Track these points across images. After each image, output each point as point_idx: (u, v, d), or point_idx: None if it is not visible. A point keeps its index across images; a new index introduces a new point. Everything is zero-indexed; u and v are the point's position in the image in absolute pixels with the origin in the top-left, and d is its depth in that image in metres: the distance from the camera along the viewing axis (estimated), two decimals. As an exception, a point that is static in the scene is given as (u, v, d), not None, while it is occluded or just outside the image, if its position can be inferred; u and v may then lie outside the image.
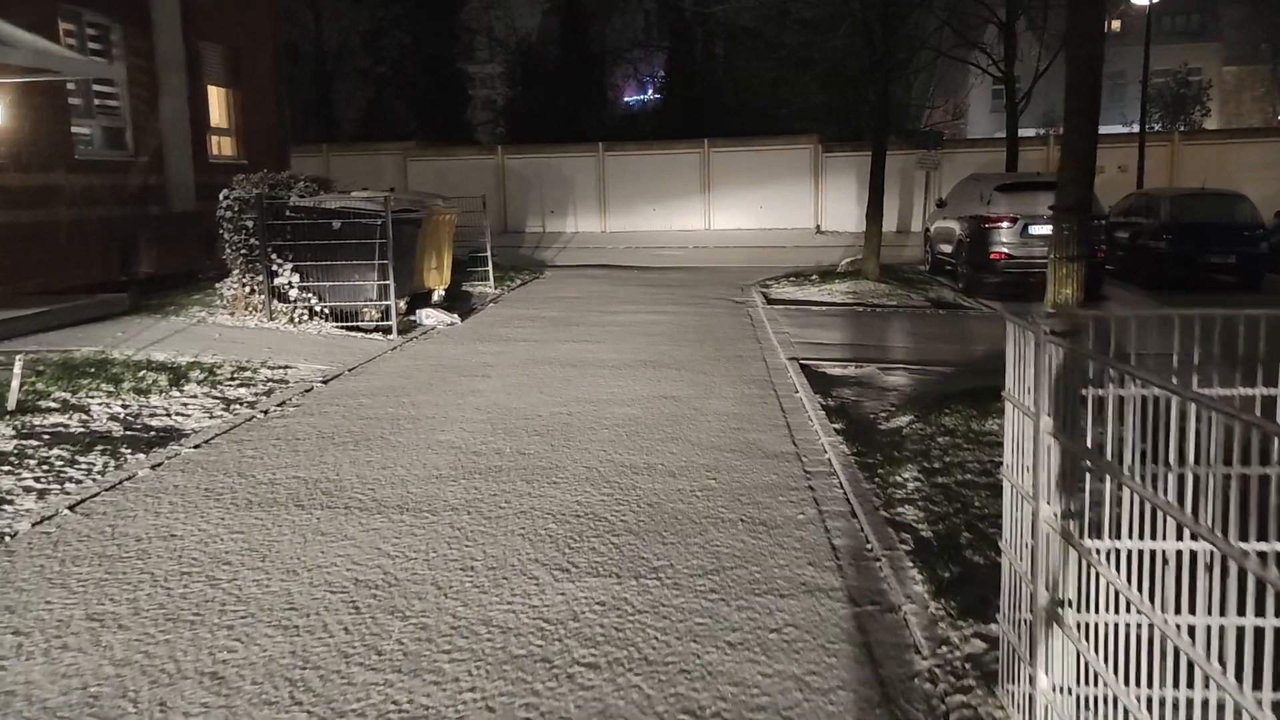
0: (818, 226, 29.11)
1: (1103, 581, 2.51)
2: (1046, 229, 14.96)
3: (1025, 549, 2.84)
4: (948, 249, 17.13)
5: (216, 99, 16.40)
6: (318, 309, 10.89)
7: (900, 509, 5.15)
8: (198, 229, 14.24)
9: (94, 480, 5.55)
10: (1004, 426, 3.09)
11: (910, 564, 4.36)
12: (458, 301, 13.89)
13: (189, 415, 7.17)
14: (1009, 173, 18.77)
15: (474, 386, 8.16)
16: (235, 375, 8.44)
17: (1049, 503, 2.60)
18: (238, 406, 7.45)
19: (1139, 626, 2.38)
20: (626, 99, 52.01)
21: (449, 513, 4.99)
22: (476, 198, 15.91)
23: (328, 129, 42.01)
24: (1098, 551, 2.53)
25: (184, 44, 14.76)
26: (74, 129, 12.69)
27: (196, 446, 6.29)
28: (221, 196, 11.15)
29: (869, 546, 4.58)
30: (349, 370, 8.87)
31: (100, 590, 4.02)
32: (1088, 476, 2.56)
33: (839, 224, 28.80)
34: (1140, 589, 2.34)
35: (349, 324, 10.94)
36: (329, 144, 33.60)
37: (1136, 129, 36.36)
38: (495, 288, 15.60)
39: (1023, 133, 32.22)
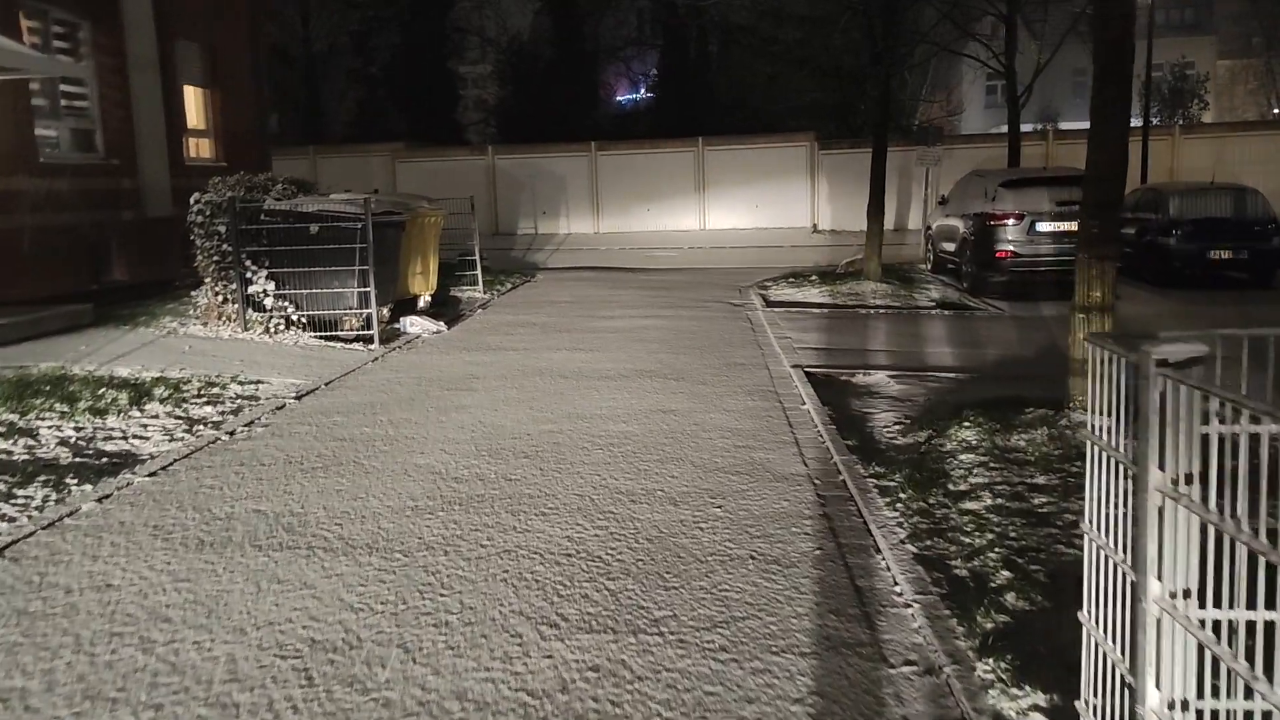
0: (814, 225, 28.61)
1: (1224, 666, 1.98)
2: (1054, 226, 14.52)
3: (1114, 618, 2.31)
4: (951, 248, 16.62)
5: (193, 100, 15.83)
6: (294, 318, 10.34)
7: (928, 541, 4.62)
8: (174, 235, 13.62)
9: (29, 518, 5.00)
10: (1085, 469, 2.55)
11: (946, 611, 3.83)
12: (445, 308, 13.35)
13: (148, 438, 6.62)
14: (1014, 168, 18.27)
15: (458, 402, 7.62)
16: (202, 392, 7.88)
17: (1159, 578, 2.06)
18: (202, 427, 6.90)
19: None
20: (619, 98, 51.46)
21: (424, 553, 4.45)
22: (464, 199, 15.35)
23: (317, 131, 41.45)
24: (1213, 628, 1.99)
25: (157, 43, 14.19)
26: (39, 131, 12.11)
27: (151, 474, 5.74)
28: (192, 200, 10.59)
29: (897, 589, 4.05)
30: (325, 385, 8.32)
31: (12, 659, 3.47)
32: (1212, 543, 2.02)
33: (836, 223, 28.31)
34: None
35: (328, 334, 10.38)
36: (316, 146, 33.04)
37: (1136, 123, 36.05)
38: (485, 292, 15.06)
39: (1021, 128, 31.85)
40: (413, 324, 11.36)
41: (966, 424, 6.50)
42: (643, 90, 49.47)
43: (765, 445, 6.28)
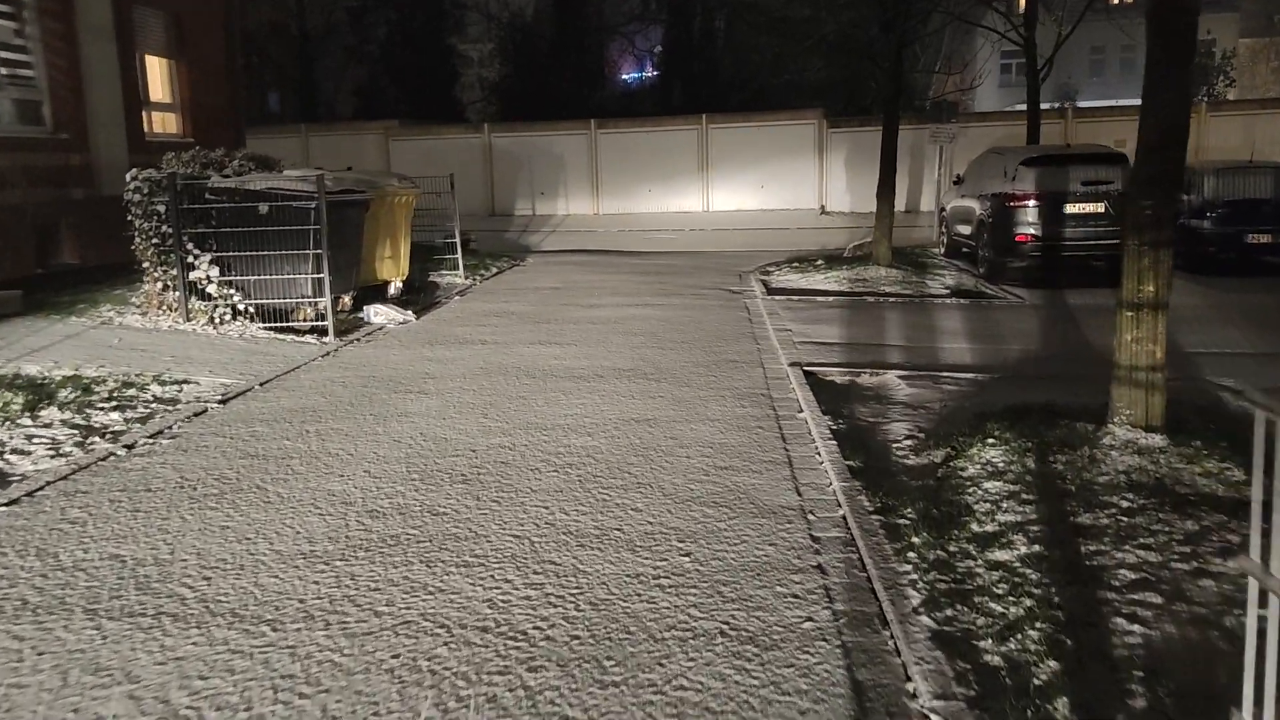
0: (822, 207, 27.48)
1: None
2: (1079, 208, 13.43)
3: None
4: (966, 230, 15.53)
5: (157, 71, 14.79)
6: (242, 308, 9.35)
7: (948, 609, 3.62)
8: (130, 215, 12.67)
9: None
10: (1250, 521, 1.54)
11: (977, 725, 2.83)
12: (420, 294, 12.36)
13: (29, 453, 5.65)
14: (1034, 145, 17.14)
15: (404, 408, 6.63)
16: (115, 394, 6.90)
17: None
18: (98, 439, 5.92)
19: None
20: (624, 76, 50.23)
21: (299, 625, 3.47)
22: (443, 177, 14.32)
23: (314, 111, 40.44)
24: None
25: (113, 8, 13.16)
26: (-26, 102, 11.12)
27: (10, 503, 4.77)
28: (128, 177, 9.58)
29: (910, 687, 3.05)
30: (260, 385, 7.34)
31: None
32: None
33: (845, 204, 27.19)
34: None
35: (281, 325, 9.40)
36: (308, 124, 32.02)
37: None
38: (466, 277, 14.05)
39: (1024, 108, 30.58)
40: (377, 313, 10.36)
41: (991, 441, 5.48)
42: (648, 69, 48.24)
43: (752, 466, 5.28)
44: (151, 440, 5.88)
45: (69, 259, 12.48)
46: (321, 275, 9.20)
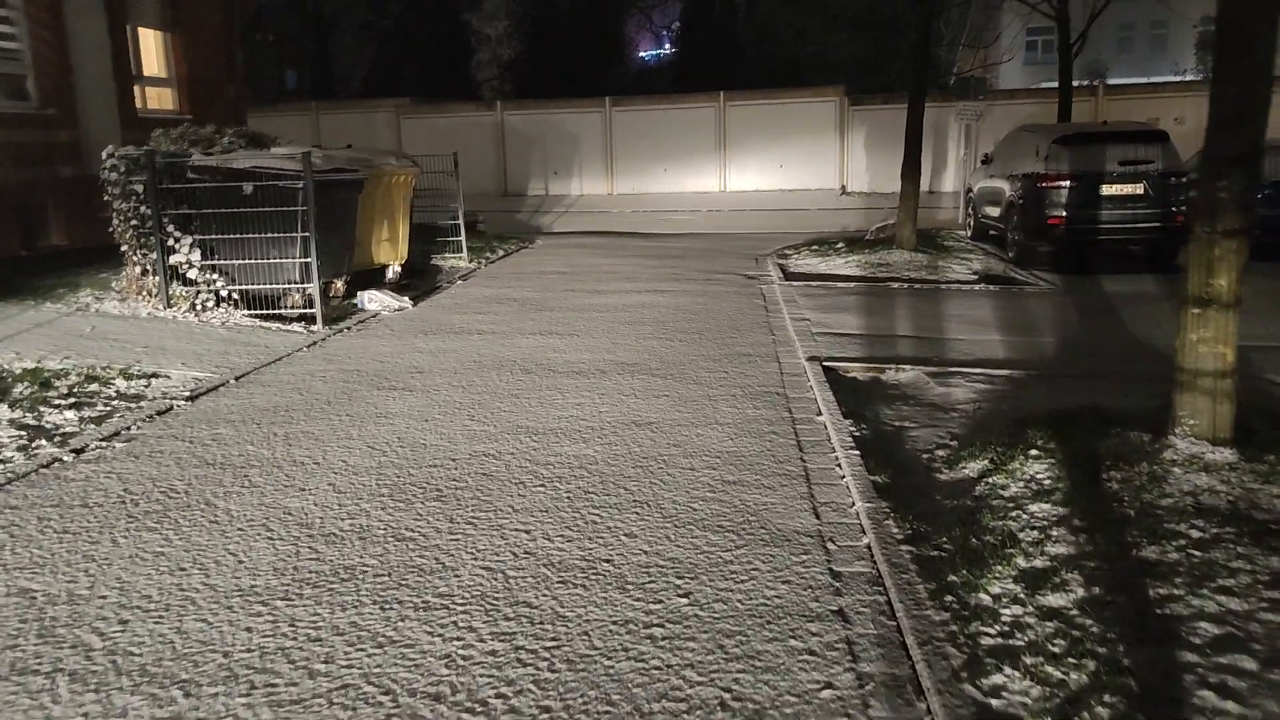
0: (843, 187, 26.73)
1: None
2: (1116, 189, 12.70)
3: None
4: (994, 213, 14.81)
5: (151, 44, 14.24)
6: (226, 294, 8.81)
7: (997, 674, 3.01)
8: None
9: None
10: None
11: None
12: (420, 278, 11.79)
13: (-34, 458, 5.12)
14: (1069, 123, 16.37)
15: (384, 407, 6.06)
16: (76, 389, 6.37)
17: None
18: (44, 442, 5.38)
19: None
20: (641, 54, 49.36)
21: (216, 689, 2.90)
22: (447, 155, 13.72)
23: (327, 87, 39.87)
24: None
25: (102, -22, 12.60)
26: (-48, 75, 10.60)
27: (-73, 521, 4.24)
28: (104, 155, 9.05)
29: (954, 787, 2.46)
30: (235, 379, 6.80)
31: None
32: None
33: (866, 184, 26.42)
34: None
35: (268, 312, 8.85)
36: (319, 102, 31.46)
37: (1190, 78, 33.65)
38: (470, 261, 13.46)
39: (1054, 86, 29.58)
40: (371, 300, 9.80)
41: (1034, 452, 4.86)
42: (666, 46, 47.37)
43: (764, 481, 4.68)
44: (104, 444, 5.34)
45: (57, 240, 11.99)
46: (309, 260, 8.65)
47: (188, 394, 6.36)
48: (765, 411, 5.93)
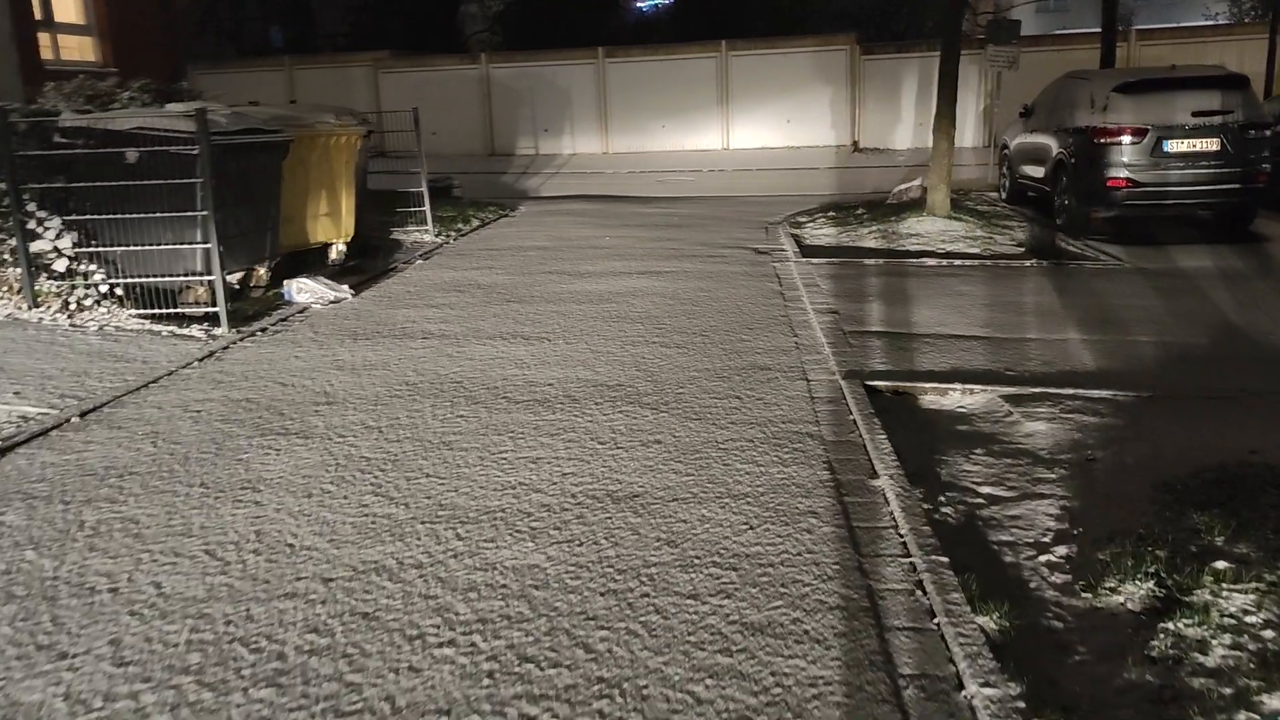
0: (855, 143, 24.72)
1: None
2: (1188, 145, 10.82)
3: None
4: (1037, 172, 12.95)
5: (65, -15, 12.33)
6: (106, 289, 7.04)
7: None
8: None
9: None
10: None
11: None
12: (374, 257, 10.00)
13: None
14: (1128, 68, 14.44)
15: (260, 470, 4.31)
16: None
17: None
18: None
19: None
20: (639, 4, 46.97)
21: None
22: (406, 112, 11.84)
23: (310, 42, 37.60)
24: None
25: (-5, -96, 10.67)
26: None
27: None
28: (-50, 115, 7.22)
29: None
30: (81, 416, 5.05)
31: None
32: None
33: (881, 139, 24.41)
34: None
35: (165, 311, 7.08)
36: (291, 56, 29.39)
37: (1222, 22, 31.41)
38: (438, 234, 11.64)
39: (1086, 31, 27.51)
40: (301, 290, 8.02)
41: (1222, 566, 3.11)
42: (665, -5, 44.92)
43: (808, 626, 2.94)
44: None
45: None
46: (210, 245, 6.86)
47: (-5, 445, 4.62)
48: (796, 470, 4.19)
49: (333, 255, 9.40)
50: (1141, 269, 9.50)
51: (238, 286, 8.03)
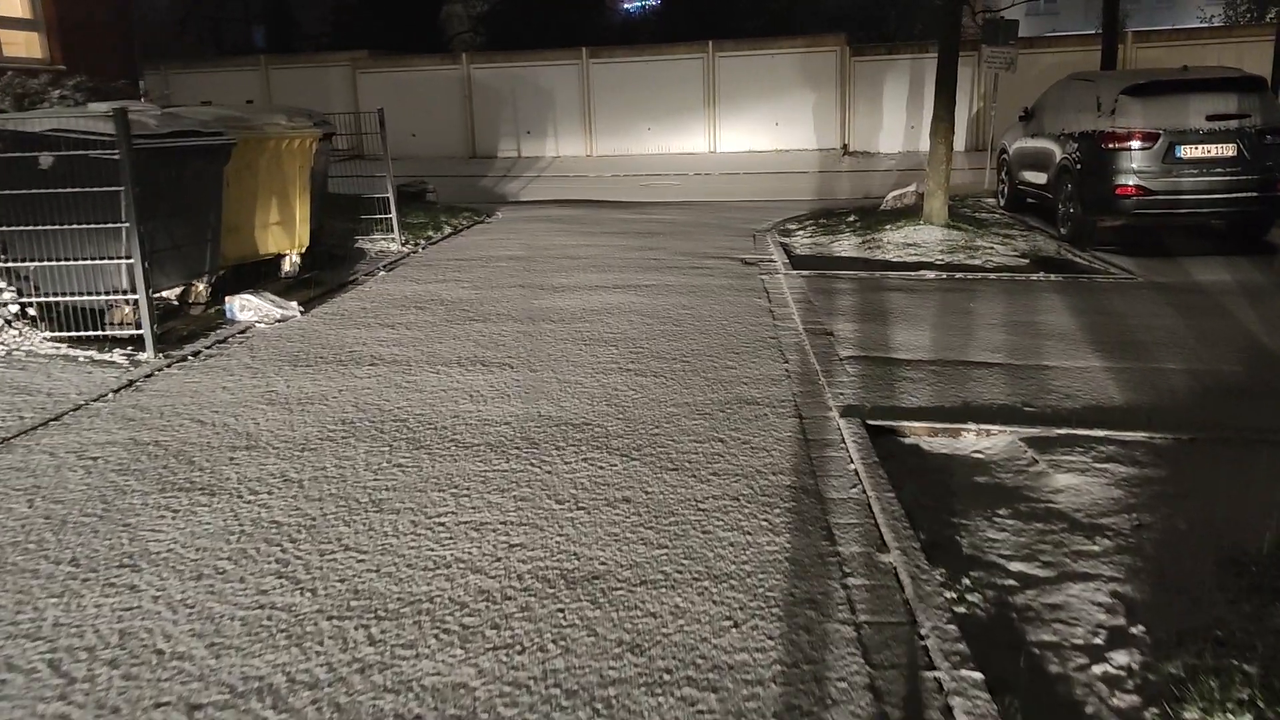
0: (846, 147, 24.09)
1: None
2: (1202, 151, 10.18)
3: None
4: (1038, 179, 12.31)
5: (7, -24, 11.55)
6: (15, 309, 6.30)
7: None
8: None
9: None
10: None
11: None
12: (335, 268, 9.28)
13: None
14: (1136, 70, 13.82)
15: (144, 542, 3.59)
16: None
17: None
18: None
19: None
20: (625, 5, 46.26)
21: None
22: (372, 113, 11.11)
23: (290, 42, 36.74)
24: None
25: (-74, -112, 9.92)
26: None
27: None
28: None
29: None
30: (-46, 465, 4.33)
31: None
32: None
33: (872, 143, 23.82)
34: None
35: (87, 334, 6.35)
36: (269, 56, 28.59)
37: (1218, 24, 30.91)
38: (405, 243, 10.93)
39: (1081, 33, 26.98)
40: (244, 307, 7.29)
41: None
42: (652, -3, 44.23)
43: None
44: None
45: None
46: (134, 261, 6.13)
47: None
48: (790, 540, 3.50)
49: (286, 267, 8.68)
50: (1155, 283, 8.86)
51: (175, 303, 7.33)
